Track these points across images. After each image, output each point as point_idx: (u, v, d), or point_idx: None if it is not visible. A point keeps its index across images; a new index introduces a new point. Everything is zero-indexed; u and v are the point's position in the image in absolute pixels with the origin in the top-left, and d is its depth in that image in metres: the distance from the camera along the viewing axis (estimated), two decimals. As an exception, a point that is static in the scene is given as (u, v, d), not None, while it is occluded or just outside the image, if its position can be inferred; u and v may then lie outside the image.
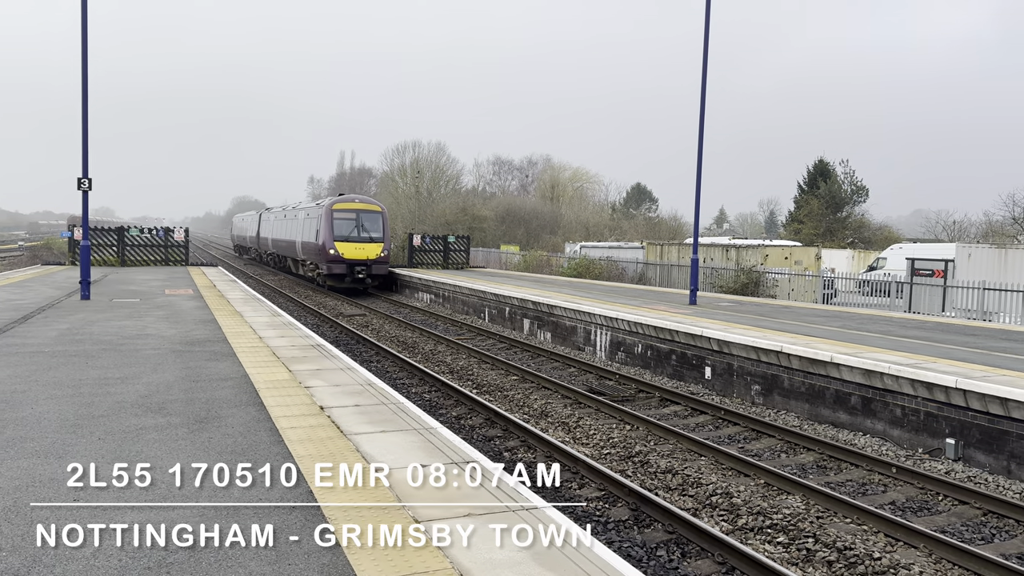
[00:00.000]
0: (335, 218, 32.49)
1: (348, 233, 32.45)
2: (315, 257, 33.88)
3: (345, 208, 33.07)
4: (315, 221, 33.98)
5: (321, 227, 32.71)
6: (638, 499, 8.48)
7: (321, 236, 32.60)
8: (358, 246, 32.44)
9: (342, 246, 32.19)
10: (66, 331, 13.78)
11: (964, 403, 10.31)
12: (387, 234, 33.81)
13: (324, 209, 32.97)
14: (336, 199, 34.15)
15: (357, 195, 38.33)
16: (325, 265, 32.39)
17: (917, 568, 7.01)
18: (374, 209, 33.94)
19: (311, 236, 34.43)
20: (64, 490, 5.68)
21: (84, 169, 19.15)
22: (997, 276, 25.98)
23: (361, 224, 32.86)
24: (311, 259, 35.12)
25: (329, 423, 7.73)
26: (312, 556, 4.63)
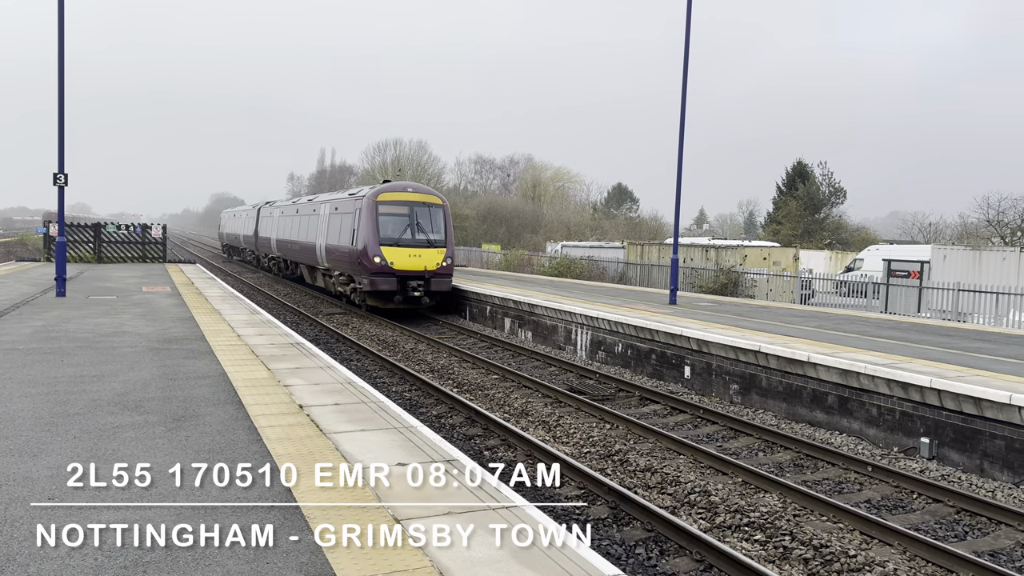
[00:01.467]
0: (381, 213, 23.57)
1: (399, 235, 23.64)
2: (349, 267, 25.02)
3: (395, 200, 24.05)
4: (350, 218, 24.93)
5: (360, 226, 23.83)
6: (617, 497, 8.52)
7: (360, 238, 23.68)
8: (413, 252, 23.57)
9: (392, 253, 23.23)
10: (41, 328, 13.61)
11: (939, 403, 10.45)
12: (450, 236, 24.53)
13: (365, 201, 23.98)
14: (381, 188, 24.60)
15: (410, 182, 27.82)
16: (366, 279, 23.31)
17: (892, 565, 7.10)
18: (433, 201, 24.76)
19: (343, 238, 25.47)
20: (38, 489, 5.61)
21: (60, 164, 18.91)
22: (971, 277, 26.35)
23: (416, 222, 23.93)
24: (342, 268, 26.01)
25: (308, 422, 7.70)
26: (291, 555, 4.61)
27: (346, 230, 25.09)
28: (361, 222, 23.77)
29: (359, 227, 23.84)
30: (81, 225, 38.45)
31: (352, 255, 24.32)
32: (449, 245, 24.17)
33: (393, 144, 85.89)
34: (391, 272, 23.15)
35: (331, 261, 27.11)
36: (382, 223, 23.55)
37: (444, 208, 24.77)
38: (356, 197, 25.25)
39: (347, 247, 24.84)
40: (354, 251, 24.08)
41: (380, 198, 23.82)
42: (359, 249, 23.61)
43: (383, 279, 23.15)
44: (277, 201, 43.81)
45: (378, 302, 23.95)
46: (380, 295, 23.72)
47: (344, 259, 25.35)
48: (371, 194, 24.12)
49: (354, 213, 24.57)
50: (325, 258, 27.84)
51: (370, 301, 24.16)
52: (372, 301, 24.09)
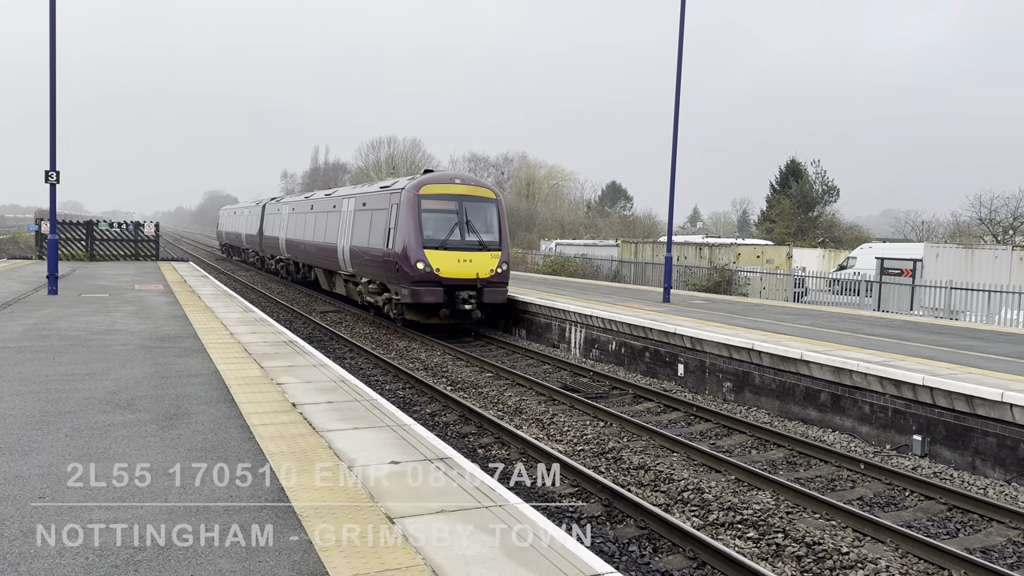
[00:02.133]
0: (425, 210, 19.55)
1: (446, 235, 19.63)
2: (382, 273, 20.90)
3: (440, 194, 20.01)
4: (383, 215, 21.00)
5: (398, 224, 19.71)
6: (611, 495, 8.52)
7: (398, 239, 19.58)
8: (463, 257, 19.51)
9: (438, 257, 19.22)
10: (32, 326, 13.55)
11: (931, 400, 10.48)
12: (506, 237, 20.51)
13: (405, 195, 19.88)
14: (423, 179, 20.35)
15: (456, 172, 23.70)
16: (406, 288, 19.18)
17: (884, 562, 7.12)
18: (484, 195, 20.62)
19: (374, 239, 21.49)
20: (29, 488, 5.58)
21: (52, 161, 18.82)
22: (964, 276, 26.46)
23: (466, 219, 19.86)
24: (372, 275, 21.93)
25: (301, 420, 7.68)
26: (283, 554, 4.59)
27: (378, 229, 21.04)
28: (399, 220, 19.55)
29: (396, 226, 19.65)
30: (73, 223, 38.31)
31: (387, 260, 20.02)
32: (505, 248, 20.15)
33: (387, 142, 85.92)
34: (436, 281, 19.03)
35: (357, 266, 23.06)
36: (426, 221, 19.37)
37: (498, 203, 20.60)
38: (391, 191, 20.90)
39: (380, 250, 20.63)
40: (390, 255, 19.83)
41: (424, 191, 19.60)
42: (397, 252, 19.40)
43: (427, 289, 18.98)
44: (285, 197, 39.64)
45: (419, 316, 19.97)
46: (423, 308, 19.71)
47: (375, 264, 21.11)
48: (412, 187, 19.71)
49: (388, 209, 20.46)
50: (349, 262, 23.77)
51: (409, 315, 20.06)
52: (412, 315, 20.03)
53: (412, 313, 20.01)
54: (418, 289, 19.03)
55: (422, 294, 19.05)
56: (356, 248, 23.00)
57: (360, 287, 23.33)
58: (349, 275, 24.49)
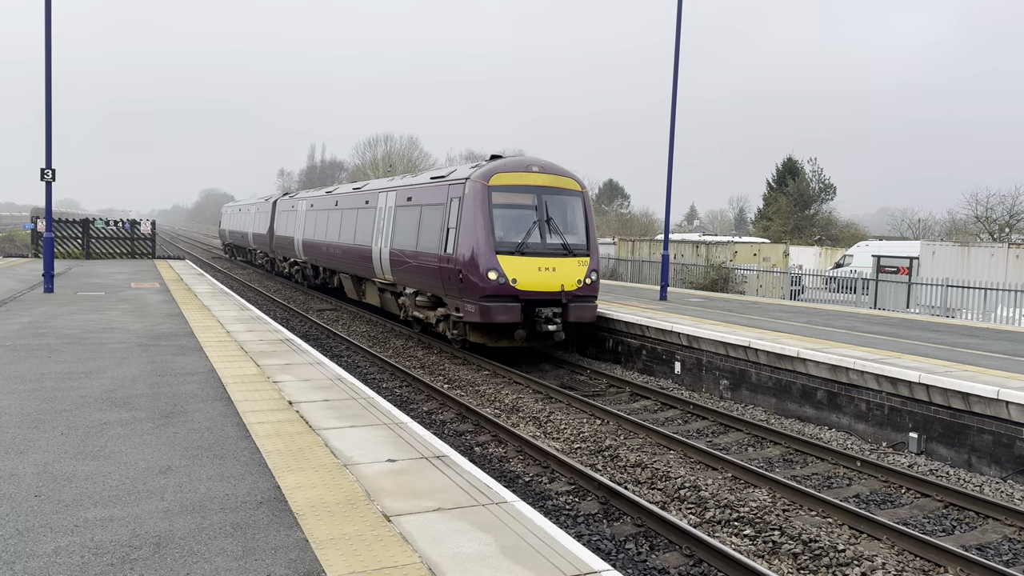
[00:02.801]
0: (496, 205, 15.77)
1: (524, 237, 15.76)
2: (437, 284, 16.99)
3: (515, 184, 16.11)
4: (438, 212, 17.21)
5: (462, 223, 15.89)
6: (608, 493, 8.53)
7: (461, 242, 15.75)
8: (544, 264, 15.75)
9: (514, 265, 15.44)
10: (28, 324, 13.52)
11: (927, 398, 10.50)
12: (594, 238, 16.71)
13: (470, 187, 15.97)
14: (493, 167, 16.24)
15: (533, 159, 17.47)
16: (473, 304, 15.46)
17: (880, 560, 7.13)
18: (568, 186, 16.69)
19: (424, 241, 17.64)
20: (24, 486, 5.57)
21: (47, 159, 18.78)
22: (960, 273, 26.51)
23: (547, 217, 16.08)
24: (422, 285, 18.05)
25: (298, 418, 7.67)
26: (279, 552, 4.59)
27: (430, 230, 17.30)
28: (463, 218, 15.76)
29: (459, 225, 15.86)
30: (69, 221, 38.25)
31: (444, 268, 16.24)
32: (594, 252, 16.38)
33: (384, 140, 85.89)
34: (512, 294, 15.29)
35: (400, 274, 19.23)
36: (498, 220, 15.58)
37: (584, 196, 16.75)
38: (449, 182, 17.03)
39: (432, 255, 16.91)
40: (449, 262, 16.05)
41: (495, 181, 15.78)
42: (460, 259, 15.60)
43: (501, 306, 15.18)
44: (300, 192, 35.40)
45: (487, 338, 16.33)
46: (493, 329, 16.13)
47: (426, 273, 17.34)
48: (479, 176, 15.89)
49: (445, 205, 16.80)
50: (387, 269, 19.92)
51: (474, 336, 16.36)
52: (478, 336, 16.36)
53: (478, 334, 16.33)
54: (489, 305, 15.13)
55: (494, 312, 15.14)
56: (398, 252, 19.10)
57: (403, 299, 19.40)
58: (387, 284, 20.42)
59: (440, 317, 17.54)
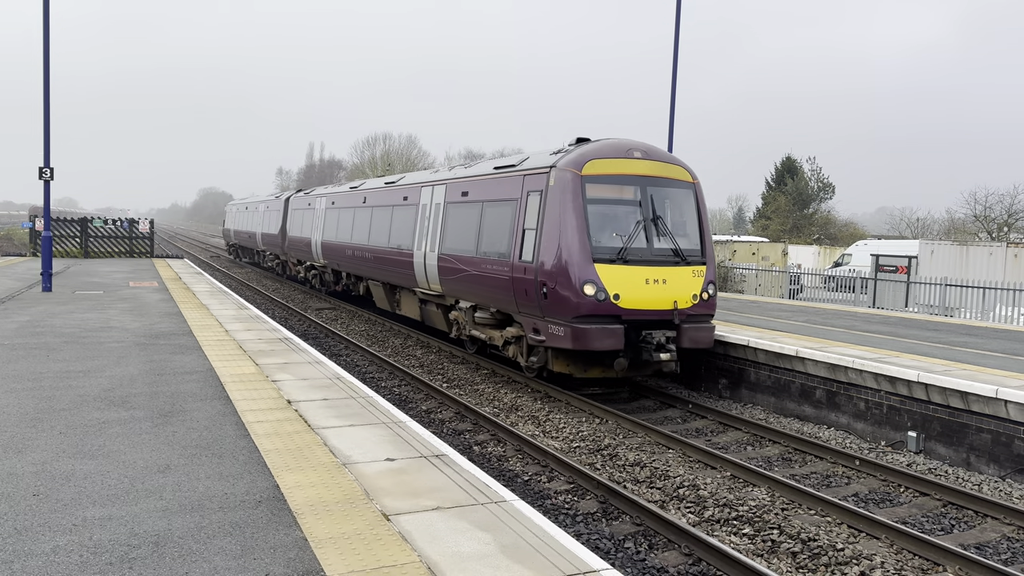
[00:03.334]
0: (591, 199, 12.64)
1: (627, 240, 12.61)
2: (509, 298, 13.79)
3: (614, 174, 12.96)
4: (508, 209, 14.09)
5: (547, 221, 12.76)
6: (607, 492, 8.53)
7: (545, 246, 12.65)
8: (653, 275, 12.62)
9: (614, 276, 12.33)
10: (27, 323, 13.51)
11: (926, 397, 10.50)
12: (709, 243, 13.59)
13: (560, 176, 12.79)
14: (585, 151, 13.03)
15: (633, 142, 13.55)
16: (563, 326, 12.32)
17: (879, 559, 7.13)
18: (677, 176, 13.52)
19: (491, 243, 14.43)
20: (23, 485, 5.56)
21: (46, 158, 18.77)
22: (958, 272, 26.52)
23: (654, 215, 12.95)
24: (487, 299, 14.76)
25: (297, 417, 7.67)
26: (278, 551, 4.58)
27: (497, 231, 14.16)
28: (546, 216, 12.59)
29: (541, 226, 12.68)
30: (67, 220, 38.23)
31: (519, 279, 13.10)
32: (710, 260, 13.20)
33: (383, 139, 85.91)
34: (614, 314, 12.12)
35: (452, 284, 15.95)
36: (595, 219, 12.41)
37: (696, 189, 13.49)
38: (526, 171, 13.67)
39: (501, 262, 13.71)
40: (526, 271, 12.88)
41: (589, 169, 12.52)
42: (544, 268, 12.40)
43: (601, 328, 11.96)
44: (316, 189, 32.23)
45: (576, 367, 13.06)
46: (586, 357, 12.90)
47: (493, 284, 14.09)
48: (568, 163, 12.62)
49: (519, 200, 13.56)
50: (436, 277, 16.69)
51: (559, 366, 13.05)
52: (563, 365, 13.05)
53: (564, 362, 13.03)
54: (586, 328, 11.88)
55: (592, 336, 11.87)
56: (450, 258, 15.86)
57: (456, 315, 16.21)
58: (432, 295, 17.31)
59: (509, 339, 14.24)
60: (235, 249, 50.73)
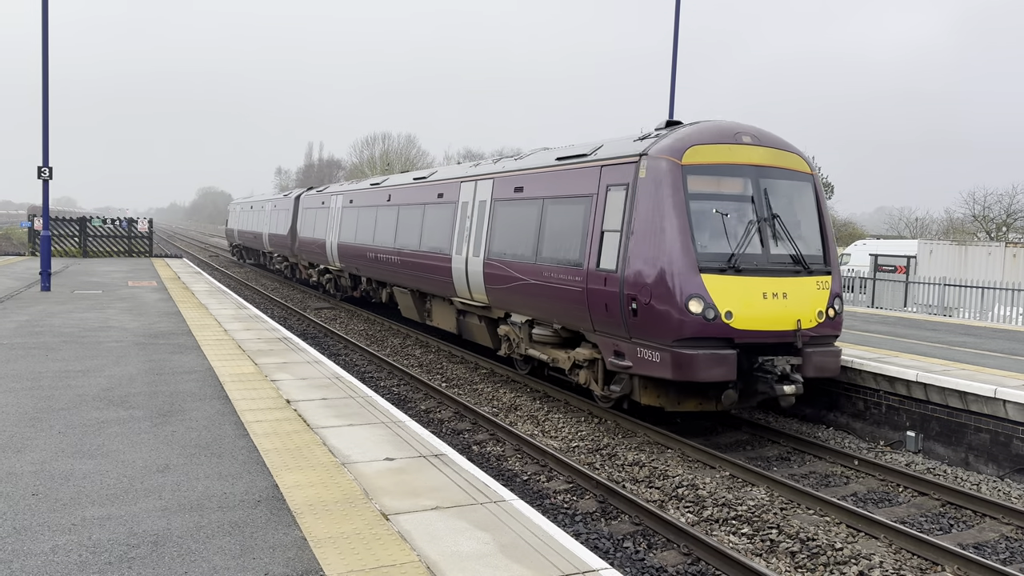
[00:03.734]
0: (693, 194, 10.28)
1: (738, 245, 10.28)
2: (582, 314, 11.49)
3: (721, 164, 10.59)
4: (584, 207, 11.71)
5: (638, 221, 10.40)
6: (606, 491, 8.53)
7: (637, 251, 10.32)
8: (771, 287, 10.28)
9: (724, 288, 9.99)
10: (25, 323, 13.50)
11: (924, 396, 10.51)
12: (832, 246, 11.22)
13: (652, 167, 10.44)
14: (684, 134, 10.67)
15: (741, 124, 11.16)
16: (660, 350, 9.98)
17: (878, 558, 7.14)
18: (793, 166, 11.15)
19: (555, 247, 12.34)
20: (22, 484, 5.56)
21: (44, 157, 18.77)
22: (957, 272, 26.54)
23: (770, 213, 10.63)
24: (550, 314, 12.60)
25: (296, 417, 7.67)
26: (277, 550, 4.58)
27: (564, 233, 11.99)
28: (636, 215, 10.42)
29: (628, 227, 10.50)
30: (66, 219, 38.21)
31: (597, 291, 10.94)
32: (835, 268, 11.02)
33: (382, 138, 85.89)
34: (725, 336, 9.98)
35: (503, 294, 13.77)
36: (698, 217, 10.29)
37: (815, 182, 11.29)
38: (605, 161, 11.45)
39: (572, 270, 11.55)
40: (606, 280, 10.76)
41: (691, 157, 10.37)
42: (635, 278, 10.28)
43: (710, 355, 9.77)
44: (330, 186, 30.27)
45: (669, 399, 10.88)
46: (683, 387, 10.76)
47: (560, 295, 11.88)
48: (664, 150, 10.46)
49: (595, 196, 11.35)
50: (481, 286, 14.52)
51: (648, 397, 10.86)
52: (653, 397, 10.87)
53: (655, 393, 10.80)
54: (690, 354, 9.64)
55: (699, 364, 9.65)
56: (501, 264, 13.71)
57: (506, 329, 14.13)
58: (474, 306, 15.09)
59: (581, 362, 11.90)
60: (239, 250, 48.70)
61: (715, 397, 10.72)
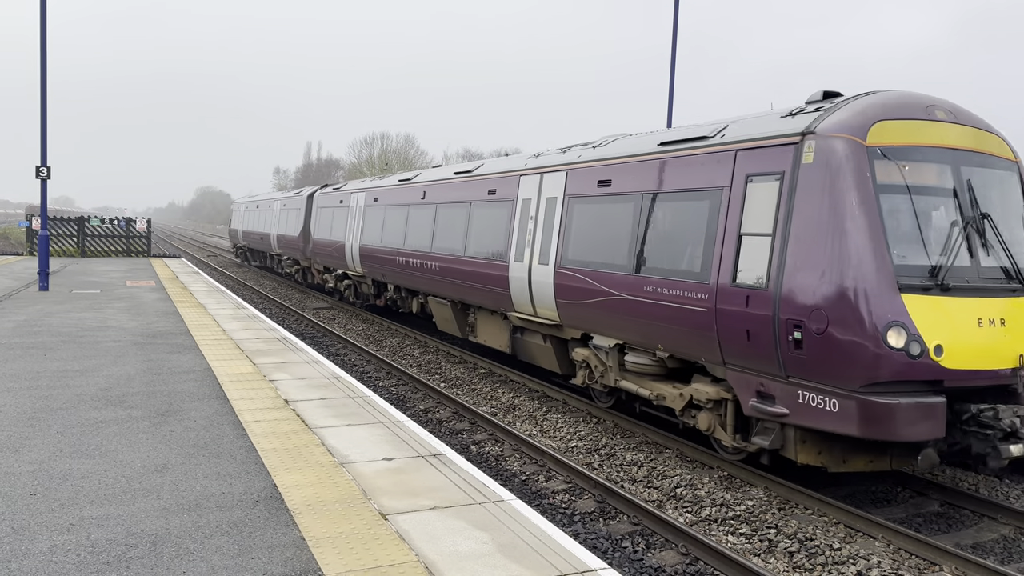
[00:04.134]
0: (884, 185, 7.79)
1: (940, 254, 7.83)
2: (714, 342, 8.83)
3: (915, 146, 8.06)
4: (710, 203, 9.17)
5: (803, 222, 7.87)
6: (604, 491, 8.54)
7: (795, 263, 7.86)
8: (984, 310, 7.70)
9: (928, 311, 7.49)
10: (23, 322, 13.49)
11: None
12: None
13: (824, 148, 7.87)
14: (860, 105, 8.15)
15: (929, 96, 8.54)
16: (838, 397, 7.48)
17: (876, 558, 7.14)
18: (997, 151, 8.66)
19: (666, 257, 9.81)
20: (20, 484, 5.55)
21: (43, 157, 18.76)
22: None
23: (976, 213, 8.13)
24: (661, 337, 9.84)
25: (294, 416, 7.67)
26: (275, 550, 4.58)
27: (673, 236, 9.87)
28: (798, 214, 8.08)
29: (784, 229, 8.19)
30: (64, 219, 38.18)
31: (736, 312, 8.60)
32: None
33: (380, 138, 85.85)
34: (932, 377, 7.54)
35: (581, 310, 11.46)
36: (892, 217, 7.95)
37: (1020, 170, 9.08)
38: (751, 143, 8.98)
39: (693, 285, 9.25)
40: (749, 300, 8.42)
41: (877, 136, 8.06)
42: (803, 297, 7.82)
43: (915, 404, 7.36)
44: (348, 184, 26.91)
45: (833, 458, 8.43)
46: (860, 442, 8.15)
47: (674, 317, 9.58)
48: (838, 126, 8.09)
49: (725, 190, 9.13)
50: (551, 299, 12.12)
51: (807, 454, 8.36)
52: (812, 454, 8.38)
53: (814, 448, 8.39)
54: (891, 404, 7.35)
55: (901, 417, 7.36)
56: (581, 273, 11.31)
57: (588, 354, 11.49)
58: (540, 323, 12.63)
59: (703, 402, 9.32)
60: (243, 252, 45.28)
61: (901, 455, 8.20)
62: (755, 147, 8.82)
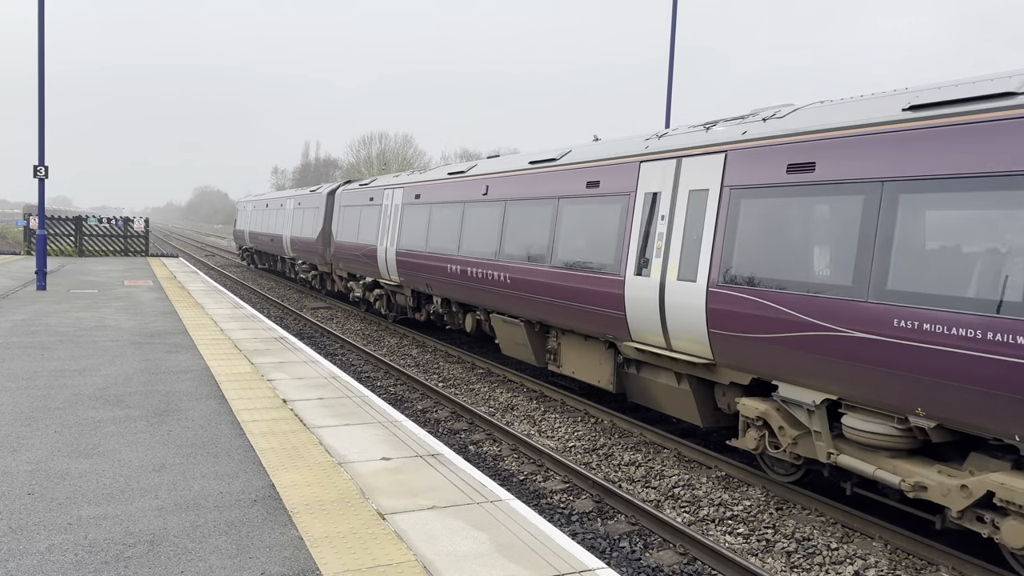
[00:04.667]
0: None
1: None
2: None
3: None
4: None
5: None
6: (602, 491, 8.54)
7: None
8: None
9: None
10: (21, 322, 13.47)
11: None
12: None
13: None
14: None
15: None
16: None
17: (873, 558, 7.15)
18: None
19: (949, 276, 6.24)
20: (18, 483, 5.55)
21: (40, 156, 18.74)
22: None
23: None
24: (943, 403, 6.34)
25: (292, 416, 7.66)
26: (273, 550, 4.58)
27: (945, 251, 6.46)
28: None
29: None
30: (62, 218, 38.13)
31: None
32: None
33: (379, 138, 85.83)
34: None
35: (753, 349, 8.27)
36: None
37: None
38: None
39: (985, 321, 5.92)
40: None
41: None
42: None
43: None
44: (377, 179, 23.11)
45: None
46: None
47: (938, 368, 6.32)
48: None
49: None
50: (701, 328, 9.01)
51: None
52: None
53: None
54: None
55: None
56: (747, 296, 8.33)
57: (768, 410, 8.27)
58: (676, 360, 9.69)
59: (1004, 502, 6.12)
60: (250, 254, 41.60)
61: None
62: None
